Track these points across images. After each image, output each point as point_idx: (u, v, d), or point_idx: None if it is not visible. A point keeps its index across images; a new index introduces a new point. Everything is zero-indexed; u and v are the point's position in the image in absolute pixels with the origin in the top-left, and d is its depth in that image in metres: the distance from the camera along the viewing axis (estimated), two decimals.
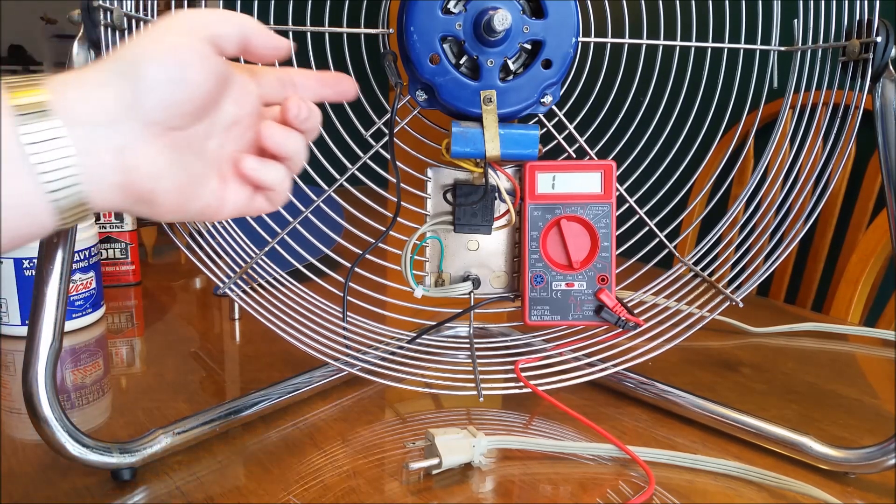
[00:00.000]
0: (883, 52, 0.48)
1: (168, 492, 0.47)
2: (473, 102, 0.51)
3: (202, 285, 0.91)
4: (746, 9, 0.53)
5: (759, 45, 0.54)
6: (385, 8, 0.54)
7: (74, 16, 0.48)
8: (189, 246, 0.55)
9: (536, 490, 0.48)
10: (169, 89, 0.34)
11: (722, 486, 0.49)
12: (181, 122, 0.35)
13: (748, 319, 0.78)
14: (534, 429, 0.56)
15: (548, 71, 0.51)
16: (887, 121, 0.48)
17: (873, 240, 0.94)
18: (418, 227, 0.56)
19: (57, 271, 0.46)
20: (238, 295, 0.55)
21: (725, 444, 0.54)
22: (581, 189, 0.54)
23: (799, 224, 0.54)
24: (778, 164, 0.55)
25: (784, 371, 0.68)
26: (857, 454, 0.49)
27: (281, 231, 0.55)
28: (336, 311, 0.57)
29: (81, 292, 0.74)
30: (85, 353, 0.70)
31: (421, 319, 0.61)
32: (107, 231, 0.86)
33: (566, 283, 0.55)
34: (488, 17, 0.48)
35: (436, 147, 0.54)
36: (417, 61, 0.50)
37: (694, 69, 0.53)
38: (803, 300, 1.16)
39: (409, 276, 0.56)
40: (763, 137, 0.59)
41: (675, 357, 0.62)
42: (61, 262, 0.47)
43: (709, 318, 0.57)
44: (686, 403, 0.57)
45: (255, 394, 0.56)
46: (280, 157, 0.40)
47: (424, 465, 0.48)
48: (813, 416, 0.59)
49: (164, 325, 0.78)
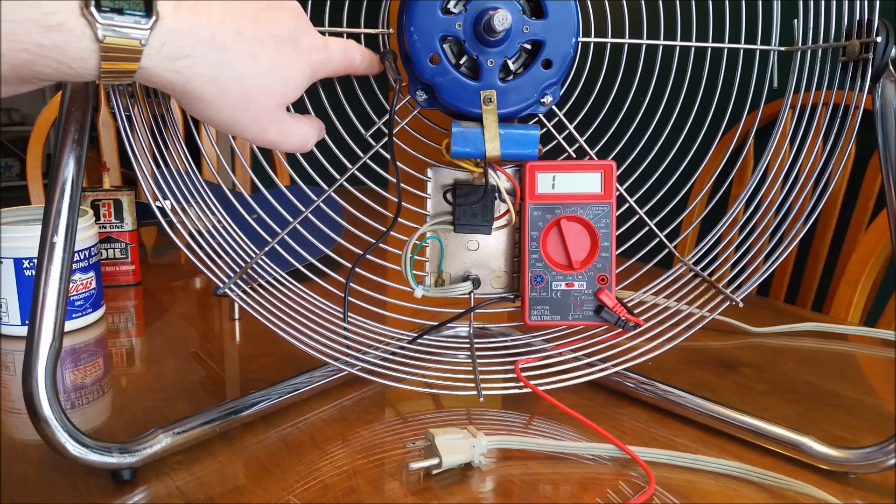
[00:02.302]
0: (883, 52, 0.48)
1: (168, 492, 0.47)
2: (473, 102, 0.51)
3: (202, 285, 0.91)
4: (746, 9, 0.53)
5: (759, 45, 0.54)
6: (385, 8, 0.54)
7: None
8: (189, 246, 0.55)
9: (536, 490, 0.48)
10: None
11: (722, 486, 0.49)
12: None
13: (748, 319, 0.78)
14: (534, 429, 0.56)
15: (548, 71, 0.51)
16: (887, 121, 0.48)
17: (873, 240, 0.94)
18: (418, 227, 0.56)
19: (57, 271, 0.46)
20: (238, 295, 0.55)
21: (725, 444, 0.54)
22: (581, 189, 0.54)
23: (799, 224, 0.54)
24: (778, 164, 0.55)
25: (784, 371, 0.68)
26: (857, 454, 0.49)
27: (281, 231, 0.55)
28: (336, 311, 0.57)
29: (81, 292, 0.74)
30: (85, 353, 0.70)
31: (421, 319, 0.61)
32: (107, 231, 0.86)
33: (566, 283, 0.55)
34: (488, 17, 0.48)
35: (436, 147, 0.54)
36: (417, 61, 0.50)
37: (694, 69, 0.53)
38: (803, 300, 1.16)
39: (409, 276, 0.56)
40: (763, 137, 0.59)
41: (675, 357, 0.62)
42: (61, 262, 0.47)
43: (709, 318, 0.57)
44: (686, 403, 0.57)
45: (255, 394, 0.56)
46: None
47: (424, 465, 0.48)
48: (813, 416, 0.59)
49: (164, 325, 0.78)
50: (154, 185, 0.52)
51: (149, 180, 0.51)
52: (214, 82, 0.40)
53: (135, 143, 0.51)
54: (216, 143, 0.57)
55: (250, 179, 0.67)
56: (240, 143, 1.41)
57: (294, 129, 0.46)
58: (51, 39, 0.34)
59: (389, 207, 0.54)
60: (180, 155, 0.52)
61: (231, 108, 0.42)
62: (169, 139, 0.52)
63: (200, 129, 1.35)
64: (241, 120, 0.43)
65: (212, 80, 0.40)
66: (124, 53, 0.36)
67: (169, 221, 0.54)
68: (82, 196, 0.82)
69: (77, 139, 0.48)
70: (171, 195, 0.52)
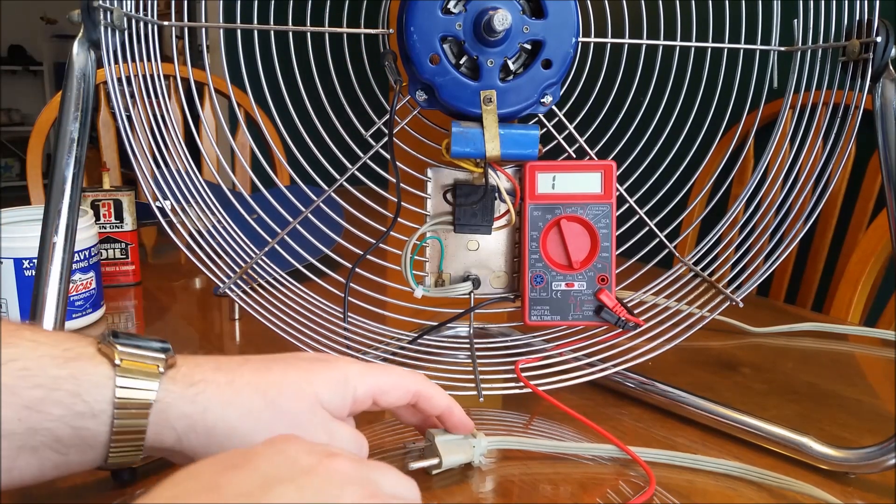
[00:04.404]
0: (883, 52, 0.48)
1: None
2: (473, 102, 0.51)
3: (202, 285, 0.91)
4: (746, 9, 0.53)
5: (759, 45, 0.54)
6: (385, 8, 0.54)
7: (74, 16, 0.49)
8: (189, 246, 0.55)
9: (536, 490, 0.48)
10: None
11: (722, 486, 0.49)
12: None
13: (748, 319, 0.78)
14: (534, 429, 0.56)
15: (548, 71, 0.51)
16: (887, 121, 0.48)
17: (873, 240, 0.94)
18: (418, 227, 0.56)
19: (57, 271, 0.46)
20: (238, 295, 0.55)
21: (725, 444, 0.54)
22: (581, 189, 0.54)
23: (799, 224, 0.54)
24: (778, 164, 0.55)
25: (784, 371, 0.68)
26: (857, 454, 0.49)
27: (281, 231, 0.55)
28: (336, 311, 0.57)
29: (81, 292, 0.74)
30: None
31: (421, 320, 0.61)
32: (107, 231, 0.86)
33: (566, 284, 0.55)
34: (488, 17, 0.48)
35: (436, 147, 0.54)
36: (417, 61, 0.50)
37: (694, 69, 0.53)
38: (803, 300, 1.16)
39: (409, 276, 0.56)
40: (763, 137, 0.59)
41: (675, 357, 0.62)
42: (61, 262, 0.47)
43: (709, 319, 0.57)
44: (686, 403, 0.57)
45: None
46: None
47: (424, 465, 0.48)
48: (813, 416, 0.59)
49: (164, 325, 0.78)
50: (154, 185, 0.52)
51: (149, 180, 0.51)
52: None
53: (135, 143, 0.51)
54: (216, 143, 0.57)
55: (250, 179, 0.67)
56: (240, 143, 1.41)
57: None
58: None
59: (389, 207, 0.54)
60: (180, 155, 0.52)
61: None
62: (169, 139, 0.52)
63: (200, 129, 1.36)
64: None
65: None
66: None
67: (169, 221, 0.54)
68: (82, 196, 0.82)
69: (77, 139, 0.48)
70: (171, 195, 0.52)
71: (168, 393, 0.37)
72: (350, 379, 0.42)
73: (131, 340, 0.38)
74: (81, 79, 0.49)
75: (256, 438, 0.37)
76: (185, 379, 0.38)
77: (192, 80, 0.54)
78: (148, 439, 0.37)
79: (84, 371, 0.36)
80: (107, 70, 0.49)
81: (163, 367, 0.37)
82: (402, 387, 0.43)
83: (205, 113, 1.44)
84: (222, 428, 0.38)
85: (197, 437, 0.38)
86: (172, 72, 0.54)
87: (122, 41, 0.49)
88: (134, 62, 0.50)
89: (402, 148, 0.54)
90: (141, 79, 0.51)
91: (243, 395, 0.38)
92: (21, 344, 0.36)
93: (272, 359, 0.42)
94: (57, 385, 0.35)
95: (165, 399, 0.37)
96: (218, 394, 0.38)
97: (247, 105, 1.29)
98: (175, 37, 1.36)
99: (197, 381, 0.38)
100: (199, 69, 1.06)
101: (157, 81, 0.51)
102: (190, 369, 0.39)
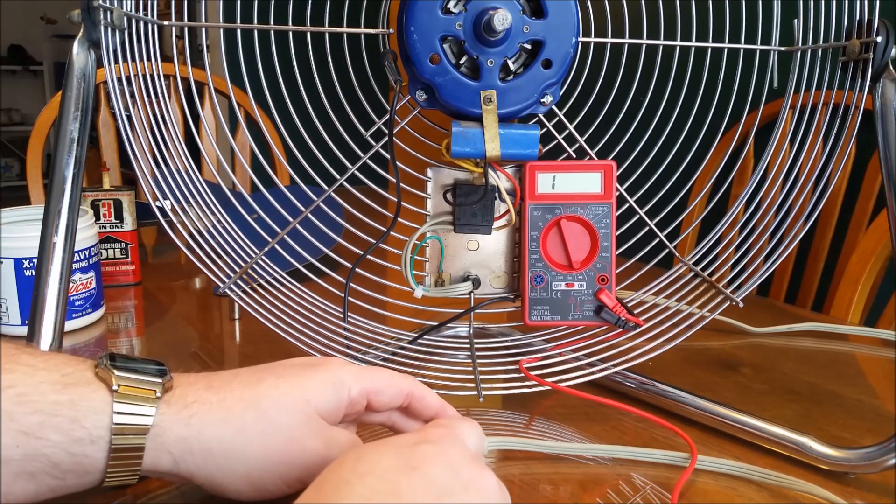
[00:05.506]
0: (883, 52, 0.48)
1: (168, 492, 0.47)
2: (473, 102, 0.51)
3: (202, 285, 0.91)
4: (746, 9, 0.53)
5: (759, 45, 0.54)
6: (385, 8, 0.54)
7: (74, 16, 0.49)
8: (189, 246, 0.55)
9: (536, 490, 0.48)
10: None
11: (722, 486, 0.49)
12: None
13: (748, 319, 0.78)
14: (534, 429, 0.56)
15: (548, 71, 0.51)
16: (887, 121, 0.48)
17: (873, 240, 0.94)
18: (418, 227, 0.56)
19: (57, 271, 0.46)
20: (238, 295, 0.55)
21: (725, 444, 0.54)
22: (581, 189, 0.54)
23: (799, 224, 0.54)
24: (778, 164, 0.55)
25: (784, 371, 0.68)
26: (857, 454, 0.49)
27: (281, 231, 0.55)
28: (336, 311, 0.57)
29: (81, 292, 0.74)
30: (85, 353, 0.70)
31: (421, 319, 0.61)
32: (107, 231, 0.86)
33: (566, 284, 0.55)
34: (488, 17, 0.48)
35: (436, 147, 0.54)
36: (417, 61, 0.50)
37: (694, 69, 0.53)
38: (803, 300, 1.16)
39: (409, 276, 0.56)
40: (763, 137, 0.59)
41: (675, 357, 0.62)
42: (61, 262, 0.47)
43: (709, 319, 0.57)
44: (686, 403, 0.57)
45: None
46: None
47: None
48: (813, 416, 0.59)
49: (164, 325, 0.78)
50: (154, 185, 0.52)
51: (149, 180, 0.51)
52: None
53: (135, 143, 0.51)
54: (216, 142, 0.57)
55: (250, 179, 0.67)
56: (240, 143, 1.41)
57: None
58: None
59: (389, 207, 0.54)
60: (180, 155, 0.52)
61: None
62: (169, 139, 0.52)
63: (200, 129, 1.36)
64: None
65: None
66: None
67: (169, 221, 0.54)
68: (82, 196, 0.82)
69: (77, 139, 0.48)
70: (171, 195, 0.52)
71: (164, 417, 0.37)
72: (344, 381, 0.42)
73: (128, 364, 0.38)
74: (81, 79, 0.49)
75: (252, 455, 0.38)
76: (179, 401, 0.38)
77: (192, 79, 0.54)
78: (145, 463, 0.37)
79: (83, 396, 0.36)
80: (107, 70, 0.49)
81: (160, 392, 0.38)
82: (395, 386, 0.43)
83: (205, 113, 1.44)
84: (217, 448, 0.38)
85: (193, 460, 0.38)
86: (172, 71, 0.54)
87: (122, 41, 0.49)
88: (134, 62, 0.50)
89: (402, 148, 0.54)
90: (141, 78, 0.51)
91: (235, 412, 0.39)
92: (18, 369, 0.36)
93: (262, 369, 0.42)
94: (56, 411, 0.35)
95: (161, 424, 0.37)
96: (210, 414, 0.38)
97: (247, 105, 1.29)
98: (175, 36, 1.36)
99: (190, 403, 0.38)
100: (199, 69, 1.06)
101: (157, 81, 0.51)
102: (184, 390, 0.39)
